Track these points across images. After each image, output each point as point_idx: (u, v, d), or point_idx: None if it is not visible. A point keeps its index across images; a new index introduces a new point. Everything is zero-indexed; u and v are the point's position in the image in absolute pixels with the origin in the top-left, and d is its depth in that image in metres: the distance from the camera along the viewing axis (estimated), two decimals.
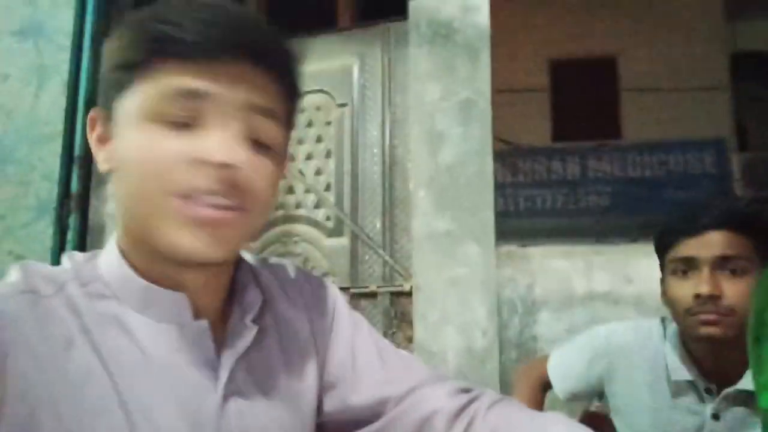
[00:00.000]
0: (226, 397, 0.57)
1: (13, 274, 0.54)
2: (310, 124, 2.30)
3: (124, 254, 0.57)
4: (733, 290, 1.03)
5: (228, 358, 0.58)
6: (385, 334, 2.06)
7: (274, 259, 0.73)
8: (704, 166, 7.69)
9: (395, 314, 2.05)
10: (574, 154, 7.80)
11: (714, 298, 1.02)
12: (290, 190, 2.29)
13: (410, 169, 2.10)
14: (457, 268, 1.95)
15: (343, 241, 2.18)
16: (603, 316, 1.96)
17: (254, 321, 0.62)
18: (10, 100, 2.22)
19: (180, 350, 0.56)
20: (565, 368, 1.31)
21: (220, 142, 0.52)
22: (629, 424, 1.22)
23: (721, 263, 1.04)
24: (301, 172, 2.28)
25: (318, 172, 2.27)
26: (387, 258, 2.10)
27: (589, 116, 7.88)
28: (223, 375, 0.58)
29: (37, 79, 2.23)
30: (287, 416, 0.62)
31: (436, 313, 1.94)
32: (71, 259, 0.58)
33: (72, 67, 2.23)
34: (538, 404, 1.36)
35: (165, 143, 0.52)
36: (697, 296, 1.03)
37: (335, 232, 2.21)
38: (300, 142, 2.30)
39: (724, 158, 7.59)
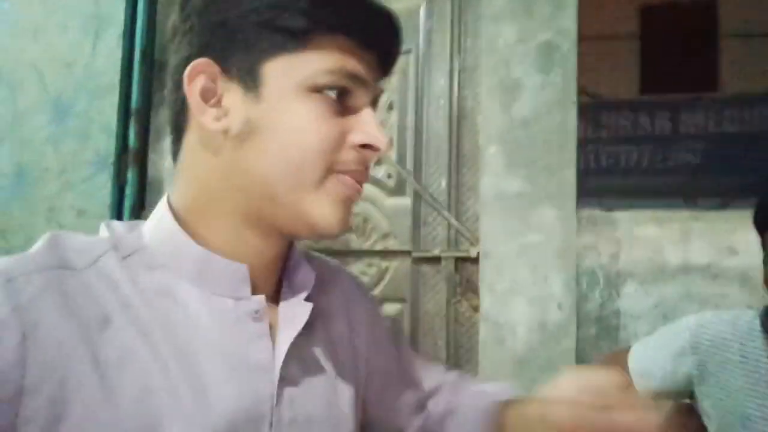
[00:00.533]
0: (282, 380, 0.55)
1: (38, 246, 0.51)
2: None
3: (182, 221, 0.55)
4: None
5: (284, 339, 0.56)
6: (448, 303, 1.91)
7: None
8: None
9: (460, 282, 1.89)
10: (664, 107, 7.20)
11: None
12: None
13: (480, 123, 1.89)
14: (531, 233, 1.75)
15: (405, 201, 2.03)
16: (700, 292, 1.72)
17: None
18: (69, 52, 2.18)
19: (236, 326, 0.54)
20: (648, 364, 1.13)
21: (378, 130, 0.55)
22: (723, 424, 1.03)
23: None
24: None
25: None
26: (452, 221, 1.93)
27: (682, 67, 7.21)
28: (279, 356, 0.55)
29: (94, 30, 2.18)
30: (329, 409, 0.60)
31: (505, 282, 1.76)
32: (109, 228, 0.56)
33: (127, 17, 2.15)
34: None
35: (331, 122, 0.53)
36: None
37: (397, 191, 2.05)
38: None
39: None
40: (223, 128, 0.53)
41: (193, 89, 0.53)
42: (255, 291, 0.56)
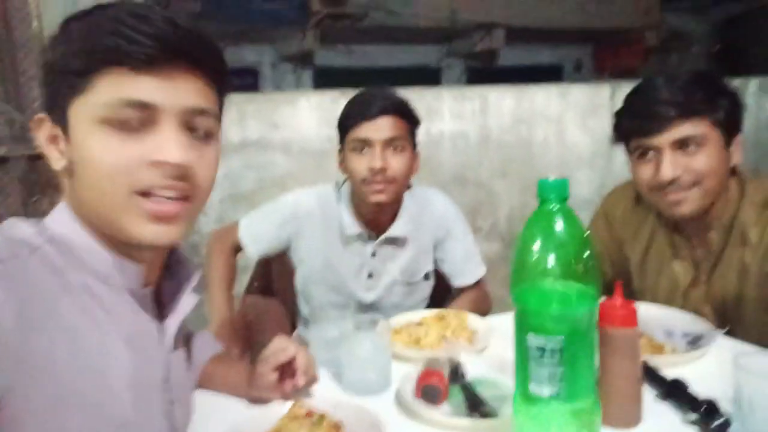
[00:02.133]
0: (172, 351, 0.72)
1: None
2: None
3: (86, 226, 0.64)
4: (396, 164, 1.35)
5: (173, 320, 0.72)
6: (25, 206, 1.80)
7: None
8: None
9: (38, 180, 1.79)
10: None
11: (383, 170, 1.33)
12: None
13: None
14: None
15: None
16: (256, 161, 2.15)
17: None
18: None
19: (137, 314, 0.68)
20: (256, 232, 1.50)
21: (175, 144, 0.61)
22: (310, 267, 1.52)
23: (388, 143, 1.34)
24: None
25: None
26: (15, 113, 1.75)
27: None
28: (170, 333, 0.72)
29: None
30: (188, 371, 0.83)
31: None
32: (27, 223, 0.64)
33: None
34: (232, 266, 1.52)
35: (123, 146, 0.60)
36: (371, 169, 1.32)
37: None
38: None
39: None
40: (60, 168, 0.64)
41: (38, 137, 0.64)
42: (145, 285, 0.70)
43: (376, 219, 1.45)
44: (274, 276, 1.71)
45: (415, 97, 2.48)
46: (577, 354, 0.69)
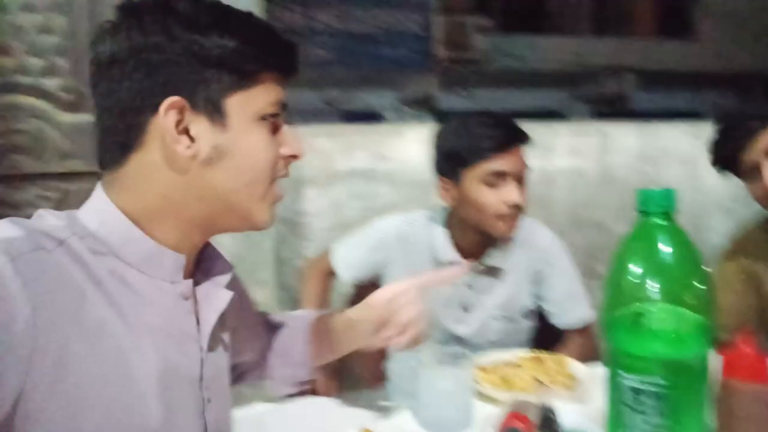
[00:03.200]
0: (208, 348, 0.70)
1: (10, 230, 0.56)
2: None
3: (129, 218, 0.63)
4: (525, 196, 1.27)
5: (208, 315, 0.70)
6: None
7: None
8: (412, 26, 8.37)
9: None
10: (296, 2, 7.66)
11: (521, 206, 1.25)
12: (4, 51, 1.83)
13: None
14: None
15: (86, 118, 1.88)
16: (361, 191, 2.16)
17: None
18: None
19: (173, 304, 0.66)
20: (349, 257, 1.48)
21: (298, 140, 0.70)
22: None
23: (522, 175, 1.26)
24: (17, 27, 1.82)
25: (44, 30, 1.84)
26: None
27: None
28: (206, 329, 0.69)
29: None
30: (225, 370, 0.78)
31: None
32: (55, 215, 0.62)
33: None
34: (326, 290, 1.52)
35: (272, 142, 0.67)
36: (513, 205, 1.25)
37: (74, 106, 1.88)
38: None
39: (428, 19, 8.35)
40: (193, 154, 0.62)
41: (168, 122, 0.61)
42: (183, 276, 0.68)
43: (472, 247, 1.37)
44: None
45: (527, 131, 2.41)
46: (682, 403, 0.57)
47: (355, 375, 1.51)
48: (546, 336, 1.44)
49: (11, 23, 1.83)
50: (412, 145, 2.20)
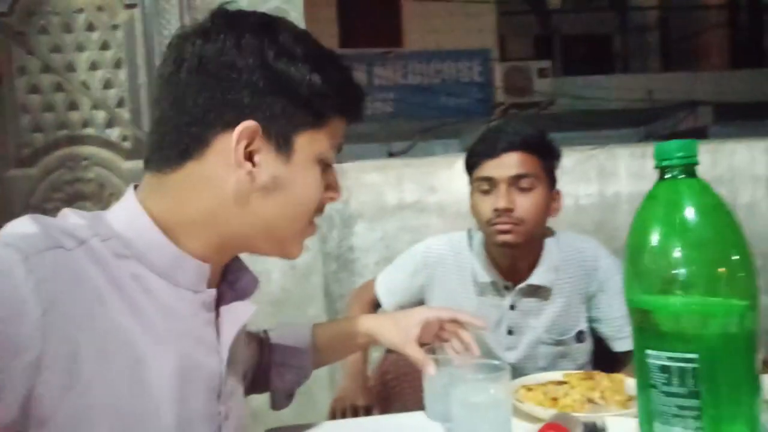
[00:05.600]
0: (228, 360, 0.66)
1: (29, 227, 0.54)
2: (90, 27, 1.97)
3: (157, 223, 0.62)
4: (524, 204, 1.21)
5: (229, 327, 0.67)
6: None
7: None
8: (472, 75, 8.47)
9: None
10: (361, 60, 7.97)
11: (508, 210, 1.19)
12: (72, 106, 1.98)
13: None
14: None
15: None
16: (411, 225, 2.14)
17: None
18: None
19: (194, 313, 0.64)
20: (391, 285, 1.43)
21: (340, 183, 0.72)
22: None
23: (514, 181, 1.21)
24: (84, 85, 1.97)
25: (108, 85, 1.98)
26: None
27: (374, 24, 8.02)
28: (227, 341, 0.66)
29: None
30: (242, 383, 0.75)
31: None
32: (79, 215, 0.60)
33: None
34: None
35: (322, 183, 0.67)
36: (496, 210, 1.20)
37: (134, 154, 1.99)
38: (80, 48, 1.97)
39: (488, 67, 8.43)
40: (251, 179, 0.62)
41: (239, 147, 0.61)
42: (207, 286, 0.66)
43: (512, 266, 1.29)
44: None
45: (583, 157, 2.32)
46: (721, 383, 0.49)
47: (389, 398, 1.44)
48: (604, 363, 1.32)
49: (80, 81, 1.98)
50: (461, 176, 2.17)
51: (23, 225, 0.55)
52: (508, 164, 1.22)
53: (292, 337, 0.96)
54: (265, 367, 0.94)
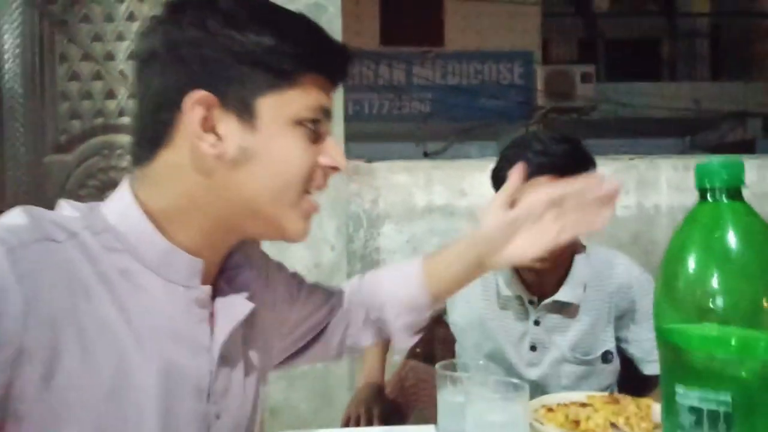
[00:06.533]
0: (220, 359, 0.64)
1: (18, 218, 0.54)
2: (131, 17, 1.99)
3: (149, 216, 0.60)
4: None
5: (223, 326, 0.64)
6: None
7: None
8: (513, 77, 8.35)
9: None
10: (400, 59, 7.94)
11: None
12: (110, 95, 2.00)
13: None
14: None
15: None
16: (439, 228, 2.10)
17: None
18: None
19: (185, 310, 0.61)
20: None
21: (342, 154, 0.65)
22: (465, 332, 1.35)
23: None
24: (122, 74, 2.00)
25: None
26: None
27: (415, 22, 7.98)
28: (219, 339, 0.64)
29: None
30: (244, 385, 0.70)
31: None
32: (74, 206, 0.60)
33: None
34: None
35: (309, 150, 0.62)
36: None
37: None
38: (120, 37, 2.00)
39: (530, 70, 8.29)
40: (218, 153, 0.59)
41: (192, 118, 0.58)
42: (202, 282, 0.63)
43: (539, 281, 1.24)
44: (437, 343, 1.58)
45: (622, 166, 2.24)
46: (758, 429, 0.44)
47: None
48: (632, 386, 1.25)
49: (119, 70, 2.01)
50: None
51: (14, 216, 0.54)
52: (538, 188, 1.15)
53: (398, 275, 0.90)
54: (365, 308, 0.89)
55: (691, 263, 0.49)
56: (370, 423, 1.25)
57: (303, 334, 0.87)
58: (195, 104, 0.58)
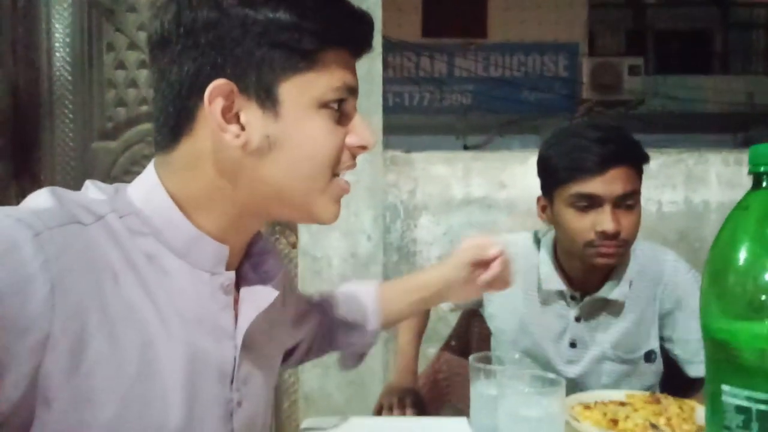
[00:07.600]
0: (243, 346, 0.63)
1: (45, 201, 0.53)
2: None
3: (175, 201, 0.59)
4: (629, 224, 1.10)
5: (247, 312, 0.64)
6: None
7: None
8: (557, 69, 8.17)
9: (276, 221, 1.98)
10: (442, 51, 7.86)
11: (616, 234, 1.09)
12: (132, 85, 2.04)
13: None
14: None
15: None
16: (478, 221, 2.07)
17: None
18: None
19: (211, 296, 0.61)
20: None
21: (369, 131, 0.63)
22: (502, 326, 1.32)
23: (621, 200, 1.10)
24: (145, 63, 2.03)
25: None
26: None
27: (457, 14, 7.88)
28: (243, 326, 0.63)
29: None
30: (267, 370, 0.71)
31: None
32: (100, 188, 0.59)
33: None
34: (423, 316, 1.43)
35: (336, 132, 0.60)
36: (603, 233, 1.09)
37: None
38: None
39: (575, 62, 8.10)
40: (242, 143, 0.57)
41: (214, 108, 0.56)
42: (227, 268, 0.63)
43: (583, 277, 1.20)
44: (473, 337, 1.56)
45: (670, 160, 2.16)
46: None
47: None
48: (675, 387, 1.21)
49: (142, 60, 2.04)
50: (533, 173, 2.06)
51: (40, 199, 0.53)
52: (616, 181, 1.08)
53: (355, 297, 0.94)
54: (329, 325, 0.94)
55: (742, 255, 0.47)
56: (402, 413, 1.24)
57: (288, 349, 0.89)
58: (214, 95, 0.56)
